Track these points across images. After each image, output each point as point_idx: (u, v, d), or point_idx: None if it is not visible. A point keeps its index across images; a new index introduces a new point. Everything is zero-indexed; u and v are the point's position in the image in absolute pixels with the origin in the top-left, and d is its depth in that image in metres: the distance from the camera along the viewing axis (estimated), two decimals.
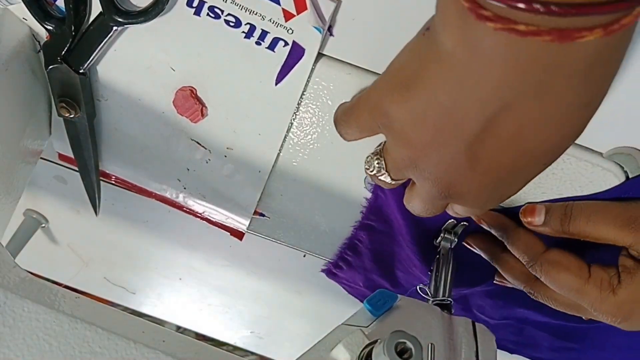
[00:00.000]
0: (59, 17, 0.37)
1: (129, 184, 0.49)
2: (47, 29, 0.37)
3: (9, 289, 0.27)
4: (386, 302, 0.32)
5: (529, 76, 0.20)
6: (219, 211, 0.50)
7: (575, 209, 0.35)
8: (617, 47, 0.20)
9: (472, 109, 0.23)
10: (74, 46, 0.38)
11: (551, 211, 0.36)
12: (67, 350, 0.26)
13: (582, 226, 0.34)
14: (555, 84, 0.20)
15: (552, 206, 0.36)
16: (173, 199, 0.50)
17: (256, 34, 0.36)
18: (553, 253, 0.36)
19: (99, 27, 0.37)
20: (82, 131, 0.43)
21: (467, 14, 0.19)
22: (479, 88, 0.22)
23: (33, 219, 0.61)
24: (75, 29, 0.37)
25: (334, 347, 0.27)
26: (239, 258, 0.60)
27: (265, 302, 0.68)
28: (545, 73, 0.20)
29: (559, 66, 0.20)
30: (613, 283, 0.33)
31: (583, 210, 0.34)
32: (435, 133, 0.25)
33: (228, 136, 0.43)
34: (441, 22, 0.22)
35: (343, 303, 0.61)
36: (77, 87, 0.40)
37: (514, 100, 0.21)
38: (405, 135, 0.26)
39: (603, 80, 0.22)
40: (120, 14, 0.36)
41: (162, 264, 0.66)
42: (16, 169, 0.42)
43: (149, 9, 0.35)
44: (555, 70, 0.20)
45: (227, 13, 0.35)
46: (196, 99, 0.40)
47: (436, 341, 0.31)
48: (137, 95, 0.41)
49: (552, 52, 0.19)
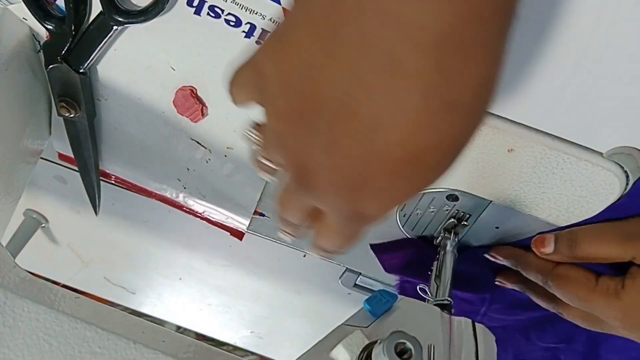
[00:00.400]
0: (59, 16, 0.37)
1: (128, 184, 0.49)
2: (47, 29, 0.37)
3: (9, 289, 0.27)
4: (386, 302, 0.32)
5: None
6: (218, 211, 0.50)
7: (579, 233, 0.38)
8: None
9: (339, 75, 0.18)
10: (74, 46, 0.38)
11: (559, 239, 0.39)
12: (67, 350, 0.26)
13: (587, 248, 0.37)
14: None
15: (560, 234, 0.39)
16: (173, 198, 0.50)
17: (256, 33, 0.36)
18: (562, 267, 0.39)
19: (99, 27, 0.37)
20: (82, 131, 0.43)
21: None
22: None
23: (33, 219, 0.61)
24: (75, 29, 0.37)
25: (334, 347, 0.27)
26: (239, 258, 0.60)
27: (265, 302, 0.68)
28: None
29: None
30: (618, 289, 0.35)
31: (586, 234, 0.37)
32: (303, 103, 0.20)
33: (228, 136, 0.43)
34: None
35: (343, 303, 0.61)
36: (77, 87, 0.40)
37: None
38: (272, 100, 0.22)
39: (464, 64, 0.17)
40: (121, 13, 0.36)
41: (162, 264, 0.66)
42: (16, 168, 0.42)
43: (149, 8, 0.35)
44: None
45: (228, 12, 0.35)
46: (196, 98, 0.40)
47: (436, 341, 0.31)
48: (137, 94, 0.41)
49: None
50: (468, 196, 0.41)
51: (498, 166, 0.37)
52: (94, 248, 0.67)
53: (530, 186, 0.38)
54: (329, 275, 0.57)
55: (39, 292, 0.28)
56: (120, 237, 0.62)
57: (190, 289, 0.70)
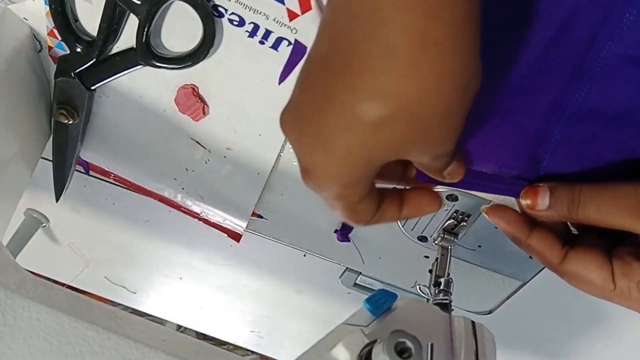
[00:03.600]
0: (87, 40, 0.37)
1: (127, 182, 0.49)
2: (71, 49, 0.38)
3: (10, 289, 0.27)
4: (386, 301, 0.32)
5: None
6: (216, 213, 0.50)
7: (584, 194, 0.30)
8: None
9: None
10: (92, 66, 0.38)
11: (557, 194, 0.31)
12: (67, 349, 0.26)
13: (593, 215, 0.30)
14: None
15: (558, 188, 0.31)
16: (171, 198, 0.50)
17: (260, 33, 0.36)
18: (571, 263, 0.32)
19: (125, 59, 0.38)
20: (74, 135, 0.43)
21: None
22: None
23: (34, 219, 0.61)
24: (99, 54, 0.38)
25: (334, 347, 0.27)
26: (239, 258, 0.60)
27: (265, 301, 0.68)
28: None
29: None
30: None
31: (594, 197, 0.30)
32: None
33: (228, 136, 0.43)
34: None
35: (343, 302, 0.61)
36: (83, 100, 0.40)
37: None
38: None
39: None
40: (157, 59, 0.36)
41: (162, 264, 0.66)
42: (16, 168, 0.42)
43: (184, 57, 0.36)
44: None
45: (231, 12, 0.35)
46: (198, 97, 0.40)
47: (436, 341, 0.31)
48: (138, 92, 0.41)
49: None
50: (468, 196, 0.41)
51: None
52: (94, 248, 0.67)
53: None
54: (329, 274, 0.57)
55: (39, 292, 0.28)
56: (121, 236, 0.62)
57: (190, 289, 0.70)
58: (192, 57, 0.36)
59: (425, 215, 0.33)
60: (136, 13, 0.35)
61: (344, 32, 0.21)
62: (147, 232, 0.60)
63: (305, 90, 0.23)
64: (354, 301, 0.60)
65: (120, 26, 0.37)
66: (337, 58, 0.21)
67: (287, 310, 0.69)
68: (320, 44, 0.22)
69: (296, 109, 0.24)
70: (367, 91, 0.21)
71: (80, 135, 0.43)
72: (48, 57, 0.41)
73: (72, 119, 0.41)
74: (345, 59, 0.21)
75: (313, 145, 0.24)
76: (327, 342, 0.28)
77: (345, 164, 0.24)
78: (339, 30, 0.21)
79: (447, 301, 0.41)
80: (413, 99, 0.21)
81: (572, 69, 0.29)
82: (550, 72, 0.29)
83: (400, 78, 0.20)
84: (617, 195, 0.30)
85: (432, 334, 0.32)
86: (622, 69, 0.29)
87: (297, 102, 0.24)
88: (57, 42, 0.39)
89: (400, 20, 0.19)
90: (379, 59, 0.20)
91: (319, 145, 0.23)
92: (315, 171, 0.25)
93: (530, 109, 0.30)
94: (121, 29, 0.37)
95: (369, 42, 0.20)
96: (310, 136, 0.24)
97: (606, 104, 0.30)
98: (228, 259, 0.61)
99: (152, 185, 0.49)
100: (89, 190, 0.54)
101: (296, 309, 0.67)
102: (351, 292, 0.60)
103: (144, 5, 0.34)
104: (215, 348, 0.30)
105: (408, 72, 0.20)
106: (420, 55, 0.20)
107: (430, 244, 0.50)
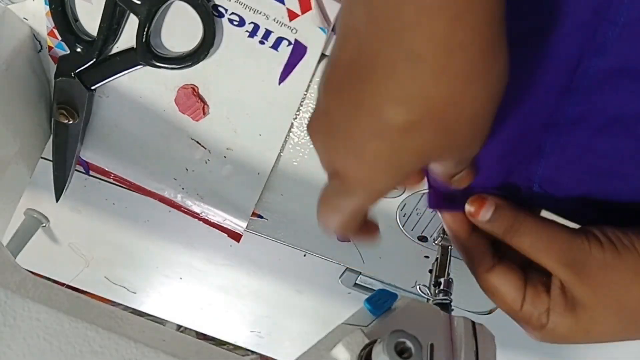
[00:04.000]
0: (87, 40, 0.37)
1: (127, 182, 0.49)
2: (71, 49, 0.38)
3: (10, 289, 0.27)
4: (386, 301, 0.32)
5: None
6: (216, 213, 0.50)
7: (524, 226, 0.31)
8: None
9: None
10: (92, 66, 0.38)
11: (500, 213, 0.31)
12: (67, 349, 0.26)
13: (525, 246, 0.31)
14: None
15: (504, 208, 0.32)
16: (171, 198, 0.50)
17: (260, 33, 0.36)
18: (495, 276, 0.32)
19: (125, 59, 0.38)
20: (74, 135, 0.43)
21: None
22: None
23: (34, 219, 0.61)
24: (98, 54, 0.38)
25: (334, 347, 0.27)
26: (239, 257, 0.60)
27: (265, 301, 0.68)
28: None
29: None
30: (542, 321, 0.31)
31: (532, 232, 0.31)
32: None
33: (228, 136, 0.43)
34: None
35: (343, 302, 0.61)
36: (83, 100, 0.40)
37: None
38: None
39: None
40: (157, 59, 0.36)
41: (162, 264, 0.66)
42: (17, 168, 0.42)
43: (184, 57, 0.36)
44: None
45: (232, 12, 0.35)
46: (198, 97, 0.40)
47: (436, 341, 0.31)
48: (138, 92, 0.41)
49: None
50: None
51: None
52: (94, 248, 0.67)
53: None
54: (329, 274, 0.57)
55: (39, 292, 0.28)
56: (121, 236, 0.62)
57: (190, 289, 0.70)
58: (192, 57, 0.36)
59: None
60: (136, 13, 0.35)
61: (367, 38, 0.21)
62: (147, 232, 0.60)
63: (332, 97, 0.23)
64: (354, 301, 0.60)
65: (120, 26, 0.37)
66: (362, 64, 0.21)
67: (287, 310, 0.69)
68: (343, 49, 0.22)
69: (325, 115, 0.24)
70: (394, 97, 0.21)
71: (80, 135, 0.43)
72: (48, 57, 0.41)
73: (72, 119, 0.41)
74: (370, 65, 0.21)
75: (344, 150, 0.24)
76: (327, 342, 0.28)
77: (376, 169, 0.24)
78: (362, 35, 0.21)
79: (447, 301, 0.41)
80: (440, 103, 0.21)
81: (561, 87, 0.30)
82: (539, 92, 0.30)
83: (427, 83, 0.20)
84: (553, 238, 0.30)
85: (432, 334, 0.32)
86: (608, 80, 0.30)
87: (325, 108, 0.24)
88: (57, 42, 0.39)
89: (425, 25, 0.19)
90: (404, 64, 0.20)
91: (350, 150, 0.24)
92: (347, 177, 0.25)
93: (522, 126, 0.31)
94: (121, 29, 0.37)
95: (394, 48, 0.20)
96: (340, 141, 0.24)
97: (595, 113, 0.31)
98: (228, 259, 0.61)
99: (152, 185, 0.49)
100: (89, 190, 0.54)
101: (296, 309, 0.67)
102: (351, 292, 0.60)
103: (144, 5, 0.34)
104: (215, 348, 0.30)
105: (434, 76, 0.20)
106: (446, 59, 0.20)
107: (430, 244, 0.50)
